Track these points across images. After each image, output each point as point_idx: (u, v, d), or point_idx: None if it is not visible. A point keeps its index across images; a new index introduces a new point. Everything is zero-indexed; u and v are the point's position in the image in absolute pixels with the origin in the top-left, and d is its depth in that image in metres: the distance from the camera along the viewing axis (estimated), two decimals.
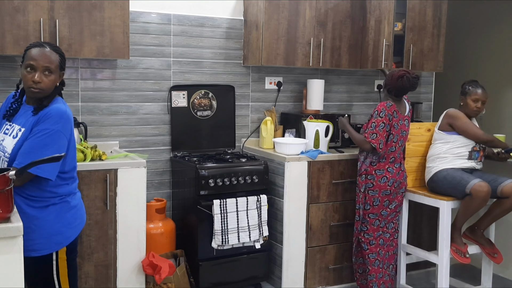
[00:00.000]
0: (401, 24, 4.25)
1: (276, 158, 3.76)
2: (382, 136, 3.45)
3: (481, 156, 3.61)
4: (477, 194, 3.32)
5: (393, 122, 3.47)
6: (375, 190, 3.54)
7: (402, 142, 3.56)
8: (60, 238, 2.31)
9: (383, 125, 3.45)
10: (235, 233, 3.58)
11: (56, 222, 2.28)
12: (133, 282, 3.34)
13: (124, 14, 3.44)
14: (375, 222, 3.59)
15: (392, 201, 3.58)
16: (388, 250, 3.65)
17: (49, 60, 2.27)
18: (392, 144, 3.51)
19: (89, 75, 3.71)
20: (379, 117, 3.46)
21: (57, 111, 2.25)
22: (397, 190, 3.57)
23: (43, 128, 2.20)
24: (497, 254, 3.63)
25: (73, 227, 2.37)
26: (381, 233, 3.61)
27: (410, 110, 3.62)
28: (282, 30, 3.92)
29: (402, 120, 3.53)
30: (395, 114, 3.48)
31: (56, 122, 2.22)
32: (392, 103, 3.48)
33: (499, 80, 4.71)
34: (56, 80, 2.31)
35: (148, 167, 3.79)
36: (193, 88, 4.02)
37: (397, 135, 3.51)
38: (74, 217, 2.37)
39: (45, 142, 2.18)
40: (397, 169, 3.55)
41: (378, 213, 3.57)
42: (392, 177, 3.52)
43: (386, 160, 3.52)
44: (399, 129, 3.51)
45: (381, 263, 3.63)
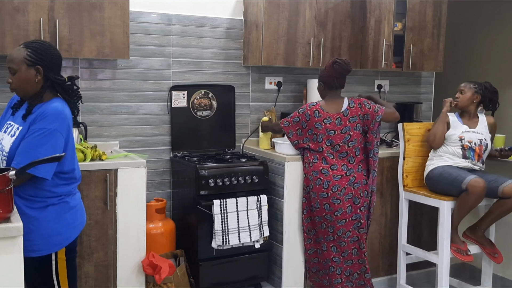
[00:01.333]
0: (401, 24, 4.25)
1: (276, 158, 3.76)
2: (294, 128, 3.51)
3: (476, 154, 3.59)
4: (473, 189, 3.32)
5: (313, 121, 3.44)
6: (314, 192, 3.47)
7: (331, 142, 3.44)
8: (59, 238, 2.30)
9: (298, 119, 3.49)
10: (236, 233, 3.58)
11: (56, 223, 2.28)
12: (133, 282, 3.34)
13: (124, 14, 3.44)
14: (321, 225, 3.50)
15: (334, 207, 3.42)
16: (351, 258, 3.52)
17: (11, 60, 2.25)
18: (318, 144, 3.45)
19: (89, 75, 3.71)
20: (297, 112, 3.52)
21: (53, 110, 2.23)
22: (337, 195, 3.41)
23: (39, 127, 2.19)
24: (497, 254, 3.63)
25: (73, 227, 2.37)
26: (333, 239, 3.48)
27: (349, 108, 3.47)
28: (282, 30, 3.92)
29: (332, 119, 3.43)
30: (317, 113, 3.43)
31: (53, 121, 2.20)
32: (315, 103, 3.48)
33: (499, 80, 4.70)
34: (26, 77, 2.24)
35: (148, 167, 3.79)
36: (193, 88, 4.02)
37: (321, 135, 3.43)
38: (73, 217, 2.37)
39: (42, 142, 2.17)
40: (334, 172, 3.43)
41: (321, 216, 3.48)
42: (326, 179, 3.42)
43: (318, 161, 3.46)
44: (323, 129, 3.43)
45: (338, 269, 3.51)
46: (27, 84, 2.25)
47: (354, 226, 3.50)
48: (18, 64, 2.24)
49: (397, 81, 4.83)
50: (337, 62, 3.44)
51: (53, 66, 2.31)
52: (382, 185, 4.00)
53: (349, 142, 3.47)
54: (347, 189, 3.44)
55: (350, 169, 3.47)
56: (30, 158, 2.08)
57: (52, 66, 2.30)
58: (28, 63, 2.24)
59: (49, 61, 2.29)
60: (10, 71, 2.26)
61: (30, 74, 2.25)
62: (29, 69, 2.24)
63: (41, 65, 2.26)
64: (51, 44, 2.39)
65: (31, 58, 2.24)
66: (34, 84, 2.26)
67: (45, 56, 2.27)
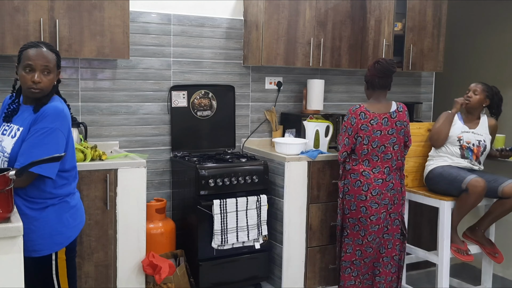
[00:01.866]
0: (401, 24, 4.25)
1: (276, 158, 3.76)
2: (343, 140, 3.39)
3: (475, 154, 3.59)
4: (473, 189, 3.32)
5: (358, 124, 3.32)
6: (351, 195, 3.39)
7: (377, 143, 3.33)
8: (60, 238, 2.31)
9: (344, 128, 3.39)
10: (234, 232, 3.58)
11: (56, 223, 2.29)
12: (133, 282, 3.34)
13: (124, 14, 3.44)
14: (355, 227, 3.41)
15: (371, 210, 3.35)
16: (368, 263, 3.48)
17: (47, 60, 2.26)
18: (362, 147, 3.34)
19: (89, 75, 3.71)
20: (344, 121, 3.44)
21: (54, 110, 2.24)
22: (376, 199, 3.34)
23: (41, 127, 2.20)
24: (498, 254, 3.63)
25: (73, 227, 2.37)
26: (362, 243, 3.41)
27: (397, 111, 3.39)
28: (282, 30, 3.92)
29: (378, 119, 3.34)
30: (363, 115, 3.33)
31: (54, 121, 2.22)
32: (359, 105, 3.36)
33: (499, 80, 4.70)
34: (54, 79, 2.31)
35: (148, 167, 3.79)
36: (193, 88, 4.02)
37: (367, 137, 3.32)
38: (73, 217, 2.37)
39: (44, 141, 2.18)
40: (375, 175, 3.34)
41: (356, 218, 3.39)
42: (366, 182, 3.33)
43: (359, 163, 3.36)
44: (370, 130, 3.32)
45: (354, 271, 3.47)
46: (51, 86, 2.31)
47: (383, 232, 3.45)
48: (53, 65, 2.29)
49: (397, 81, 4.82)
50: (379, 62, 3.38)
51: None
52: None
53: (394, 145, 3.38)
54: (384, 194, 3.36)
55: (390, 174, 3.39)
56: (33, 158, 2.08)
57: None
58: (57, 66, 2.33)
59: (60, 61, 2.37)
60: (42, 70, 2.25)
61: (56, 76, 2.33)
62: (57, 72, 2.34)
63: (60, 69, 2.36)
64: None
65: (58, 62, 2.34)
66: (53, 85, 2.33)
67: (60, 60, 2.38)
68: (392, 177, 3.40)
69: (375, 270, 3.52)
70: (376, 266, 3.51)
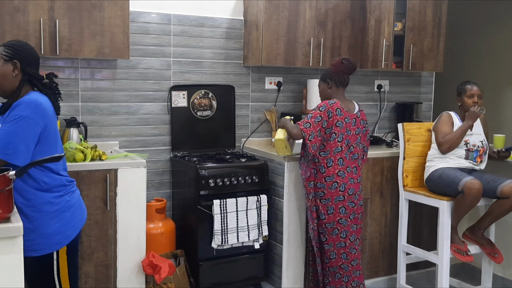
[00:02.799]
0: (401, 24, 4.25)
1: (276, 158, 3.75)
2: (315, 129, 3.21)
3: (480, 155, 3.60)
4: (468, 191, 3.32)
5: (334, 120, 3.26)
6: (327, 199, 3.30)
7: (348, 142, 3.32)
8: (60, 237, 2.31)
9: (319, 118, 3.23)
10: (235, 232, 3.58)
11: (55, 222, 2.29)
12: (133, 282, 3.34)
13: (124, 14, 3.44)
14: (333, 232, 3.33)
15: (349, 210, 3.32)
16: (359, 269, 3.41)
17: None
18: (336, 144, 3.29)
19: (89, 75, 3.71)
20: (318, 110, 3.27)
21: (27, 100, 2.22)
22: (352, 198, 3.32)
23: (12, 115, 2.18)
24: (497, 254, 3.63)
25: (72, 225, 2.37)
26: (345, 245, 3.34)
27: (360, 110, 3.41)
28: (282, 30, 3.92)
29: (349, 119, 3.32)
30: (339, 112, 3.27)
31: (26, 109, 2.18)
32: (335, 101, 3.29)
33: (499, 80, 4.71)
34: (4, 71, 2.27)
35: (148, 167, 3.79)
36: (193, 88, 4.02)
37: (341, 134, 3.29)
38: (73, 216, 2.37)
39: (14, 128, 2.15)
40: (349, 174, 3.32)
41: (335, 221, 3.32)
42: (343, 182, 3.29)
43: (333, 163, 3.29)
44: (344, 128, 3.29)
45: (345, 277, 3.38)
46: (5, 79, 2.27)
47: (361, 235, 3.46)
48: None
49: (397, 81, 4.83)
50: (346, 59, 3.38)
51: (30, 61, 2.32)
52: (382, 185, 4.00)
53: (359, 144, 3.41)
54: (359, 196, 3.38)
55: (359, 176, 3.41)
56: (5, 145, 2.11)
57: (29, 61, 2.32)
58: (5, 58, 2.27)
59: (25, 55, 2.31)
60: None
61: (7, 69, 2.27)
62: (6, 64, 2.28)
63: (17, 59, 2.29)
64: (27, 43, 2.40)
65: (7, 54, 2.28)
66: (12, 79, 2.28)
67: (21, 51, 2.31)
68: (361, 178, 3.44)
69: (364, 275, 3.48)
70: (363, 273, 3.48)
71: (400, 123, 3.82)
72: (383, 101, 4.77)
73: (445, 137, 3.58)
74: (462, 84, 3.70)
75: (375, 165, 3.96)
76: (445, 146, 3.58)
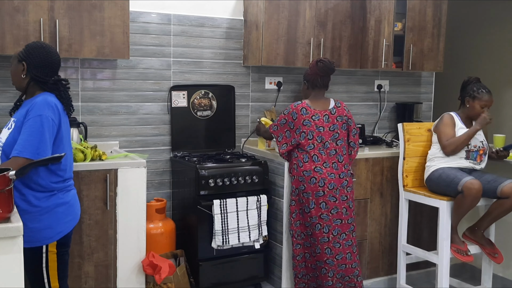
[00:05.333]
0: (401, 24, 4.25)
1: (276, 158, 3.75)
2: (283, 131, 3.48)
3: (480, 155, 3.60)
4: (468, 191, 3.32)
5: (300, 119, 3.41)
6: (308, 193, 3.40)
7: (321, 138, 3.41)
8: (50, 232, 2.35)
9: (284, 120, 3.47)
10: (235, 233, 3.58)
11: (46, 218, 2.32)
12: (133, 282, 3.34)
13: (124, 14, 3.44)
14: (316, 226, 3.41)
15: (330, 204, 3.39)
16: (345, 263, 3.45)
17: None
18: (307, 142, 3.41)
19: (89, 75, 3.71)
20: (282, 114, 3.51)
21: (41, 100, 2.33)
22: (333, 192, 3.39)
23: (32, 116, 2.28)
24: (497, 254, 3.63)
25: (64, 222, 2.41)
26: (328, 240, 3.40)
27: (336, 107, 3.49)
28: (282, 30, 3.92)
29: (319, 116, 3.43)
30: (304, 111, 3.42)
31: (42, 109, 2.30)
32: (301, 102, 3.46)
33: (499, 80, 4.71)
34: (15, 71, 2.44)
35: (148, 167, 3.79)
36: (193, 88, 4.02)
37: (311, 132, 3.40)
38: (65, 213, 2.40)
39: (37, 129, 2.25)
40: (328, 170, 3.40)
41: (317, 216, 3.40)
42: (321, 177, 3.37)
43: (309, 160, 3.41)
44: (312, 126, 3.41)
45: (330, 271, 3.43)
46: (15, 78, 2.46)
47: (349, 230, 3.48)
48: (13, 58, 2.47)
49: (397, 81, 4.83)
50: (321, 60, 3.49)
51: (38, 65, 2.41)
52: (382, 185, 4.00)
53: (337, 141, 3.47)
54: (341, 191, 3.43)
55: (343, 172, 3.45)
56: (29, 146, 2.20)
57: (37, 64, 2.41)
58: (18, 58, 2.43)
59: (33, 58, 2.40)
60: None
61: (18, 69, 2.43)
62: (18, 64, 2.43)
63: (26, 62, 2.41)
64: (46, 46, 2.48)
65: (21, 55, 2.42)
66: (21, 78, 2.43)
67: (31, 53, 2.41)
68: (345, 174, 3.47)
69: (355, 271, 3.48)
70: (355, 267, 3.49)
71: (400, 123, 3.82)
72: (383, 101, 4.77)
73: (450, 140, 3.56)
74: (478, 87, 3.58)
75: (375, 165, 3.96)
76: (449, 148, 3.56)
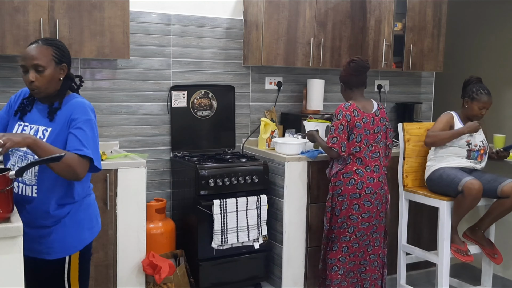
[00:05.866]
0: (401, 24, 4.25)
1: (276, 158, 3.76)
2: (343, 138, 3.32)
3: (481, 155, 3.60)
4: (468, 191, 3.32)
5: (353, 121, 3.33)
6: (344, 195, 3.37)
7: (367, 141, 3.38)
8: (74, 241, 2.24)
9: (342, 127, 3.32)
10: (234, 232, 3.58)
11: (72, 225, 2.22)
12: (133, 282, 3.34)
13: (124, 14, 3.44)
14: (342, 226, 3.40)
15: (363, 208, 3.37)
16: (354, 260, 3.46)
17: (37, 57, 2.12)
18: (354, 144, 3.35)
19: (89, 75, 3.71)
20: (336, 120, 3.35)
21: (84, 104, 2.20)
22: (369, 197, 3.37)
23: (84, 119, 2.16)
24: (497, 254, 3.63)
25: (88, 229, 2.30)
26: (349, 239, 3.40)
27: (379, 109, 3.46)
28: (282, 30, 3.92)
29: (367, 118, 3.38)
30: (356, 113, 3.34)
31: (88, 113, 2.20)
32: (350, 103, 3.37)
33: (499, 80, 4.71)
34: (53, 75, 2.16)
35: (148, 167, 3.79)
36: (193, 88, 4.02)
37: (360, 135, 3.35)
38: (89, 218, 2.31)
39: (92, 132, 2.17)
40: (368, 174, 3.37)
41: (346, 216, 3.38)
42: (360, 180, 3.35)
43: (352, 161, 3.37)
44: (362, 128, 3.35)
45: (341, 269, 3.44)
46: (53, 83, 2.18)
47: (372, 231, 3.46)
48: (47, 62, 2.14)
49: (397, 81, 4.83)
50: (353, 60, 3.43)
51: (70, 64, 2.28)
52: None
53: (380, 142, 3.44)
54: (377, 194, 3.40)
55: (381, 174, 3.43)
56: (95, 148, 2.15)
57: (70, 64, 2.28)
58: (56, 61, 2.17)
59: (70, 58, 2.26)
60: (35, 68, 2.13)
61: (57, 72, 2.18)
62: (57, 68, 2.18)
63: (66, 63, 2.22)
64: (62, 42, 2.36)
65: (58, 56, 2.18)
66: (57, 82, 2.20)
67: (67, 53, 2.24)
68: (383, 177, 3.46)
69: (361, 267, 3.50)
70: (363, 264, 3.50)
71: (400, 123, 3.83)
72: (383, 101, 4.77)
73: (433, 132, 3.59)
74: (477, 88, 3.56)
75: None
76: (429, 140, 3.60)
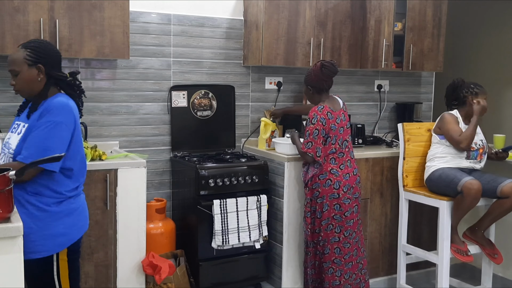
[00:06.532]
0: (401, 24, 4.25)
1: (276, 158, 3.76)
2: (318, 144, 3.30)
3: (480, 154, 3.60)
4: (467, 192, 3.32)
5: (329, 124, 3.31)
6: (323, 197, 3.36)
7: (341, 140, 3.38)
8: (62, 239, 2.29)
9: (317, 132, 3.29)
10: (236, 233, 3.58)
11: (59, 224, 2.27)
12: (133, 282, 3.34)
13: (124, 14, 3.44)
14: (328, 227, 3.38)
15: (344, 207, 3.36)
16: (351, 260, 3.43)
17: (12, 62, 2.28)
18: (331, 146, 3.35)
19: (89, 75, 3.71)
20: (311, 124, 3.31)
21: (58, 104, 2.25)
22: (347, 194, 3.37)
23: (45, 120, 2.20)
24: (497, 254, 3.63)
25: (76, 229, 2.35)
26: (338, 240, 3.39)
27: (344, 104, 3.49)
28: (282, 30, 3.92)
29: (339, 117, 3.38)
30: (329, 115, 3.32)
31: (58, 114, 2.22)
32: (323, 106, 3.33)
33: (499, 80, 4.71)
34: (28, 77, 2.27)
35: (148, 167, 3.79)
36: (193, 88, 4.02)
37: (335, 136, 3.35)
38: (77, 218, 2.36)
39: (49, 134, 2.18)
40: (343, 171, 3.37)
41: (330, 217, 3.37)
42: (337, 180, 3.34)
43: (326, 162, 3.36)
44: (337, 129, 3.35)
45: (337, 271, 3.41)
46: (31, 84, 2.28)
47: (357, 226, 3.48)
48: (19, 65, 2.26)
49: (397, 81, 4.83)
50: (325, 66, 3.38)
51: (54, 63, 2.33)
52: (382, 185, 4.00)
53: (349, 136, 3.48)
54: (354, 188, 3.42)
55: (355, 168, 3.46)
56: (38, 151, 2.12)
57: (53, 63, 2.33)
58: (29, 63, 2.26)
59: (49, 58, 2.31)
60: (12, 73, 2.28)
61: (32, 73, 2.27)
62: (31, 69, 2.27)
63: (42, 63, 2.28)
64: (49, 42, 2.44)
65: (31, 58, 2.26)
66: (37, 83, 2.28)
67: (44, 54, 2.30)
68: (357, 170, 3.48)
69: (359, 265, 3.49)
70: (359, 261, 3.50)
71: (400, 123, 3.83)
72: (383, 101, 4.77)
73: (462, 135, 3.53)
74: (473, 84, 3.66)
75: (375, 165, 3.96)
76: (466, 142, 3.51)
